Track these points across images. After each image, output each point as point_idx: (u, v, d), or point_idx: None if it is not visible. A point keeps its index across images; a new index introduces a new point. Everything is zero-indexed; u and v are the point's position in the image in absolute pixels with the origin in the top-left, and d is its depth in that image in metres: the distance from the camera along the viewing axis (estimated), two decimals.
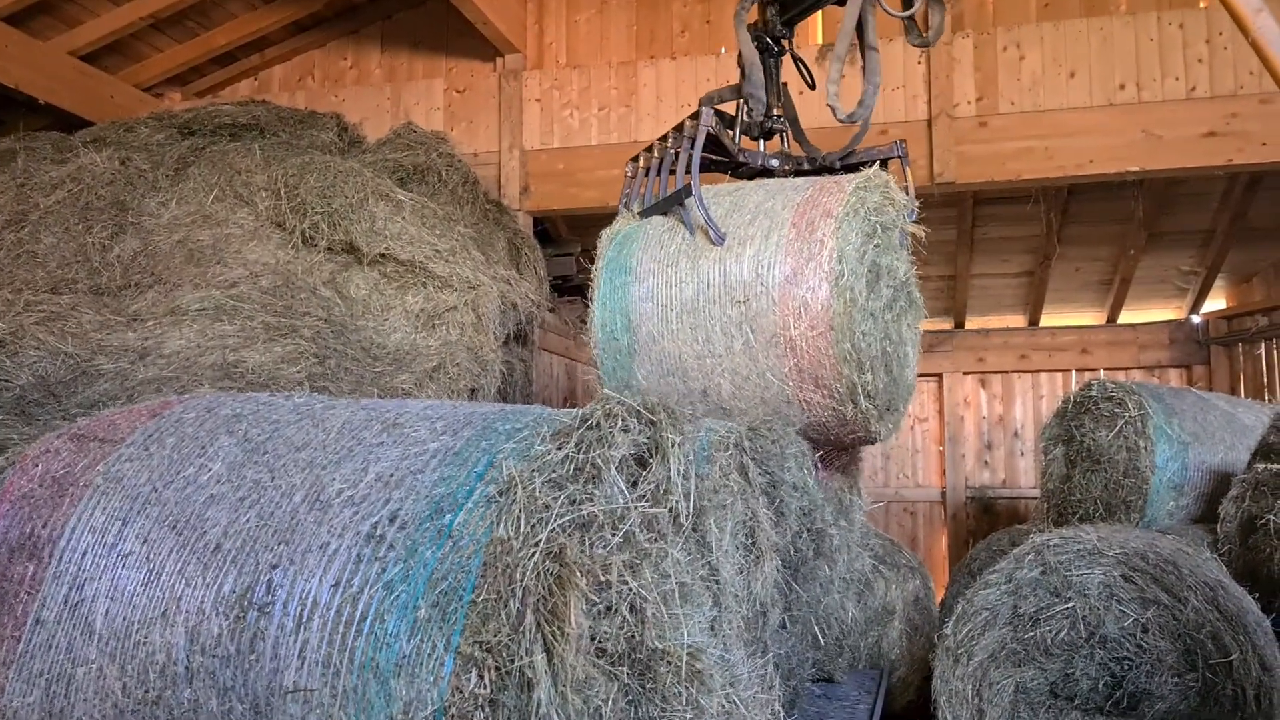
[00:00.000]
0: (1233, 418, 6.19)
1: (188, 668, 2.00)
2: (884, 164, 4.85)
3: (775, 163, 5.06)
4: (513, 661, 1.78)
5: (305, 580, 1.98)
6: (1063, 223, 9.72)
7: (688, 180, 4.35)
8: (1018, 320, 11.30)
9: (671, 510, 2.05)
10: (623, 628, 1.88)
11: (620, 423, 2.04)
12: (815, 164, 5.10)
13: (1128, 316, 10.92)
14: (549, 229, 9.69)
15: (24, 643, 2.14)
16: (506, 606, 1.81)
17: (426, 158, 7.10)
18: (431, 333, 5.94)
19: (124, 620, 2.08)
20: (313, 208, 5.91)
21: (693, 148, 4.43)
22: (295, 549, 2.03)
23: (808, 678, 4.09)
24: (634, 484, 2.02)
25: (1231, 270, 10.27)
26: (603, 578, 1.85)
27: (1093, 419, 6.15)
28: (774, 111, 5.11)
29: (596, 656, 1.86)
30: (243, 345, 5.12)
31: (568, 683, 1.77)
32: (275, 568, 2.02)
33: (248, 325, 5.23)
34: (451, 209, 6.84)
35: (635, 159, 4.97)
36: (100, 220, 5.88)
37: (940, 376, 11.09)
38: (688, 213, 4.36)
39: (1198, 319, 10.64)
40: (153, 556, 2.12)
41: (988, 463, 11.00)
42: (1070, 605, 4.18)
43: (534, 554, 1.83)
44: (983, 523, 10.69)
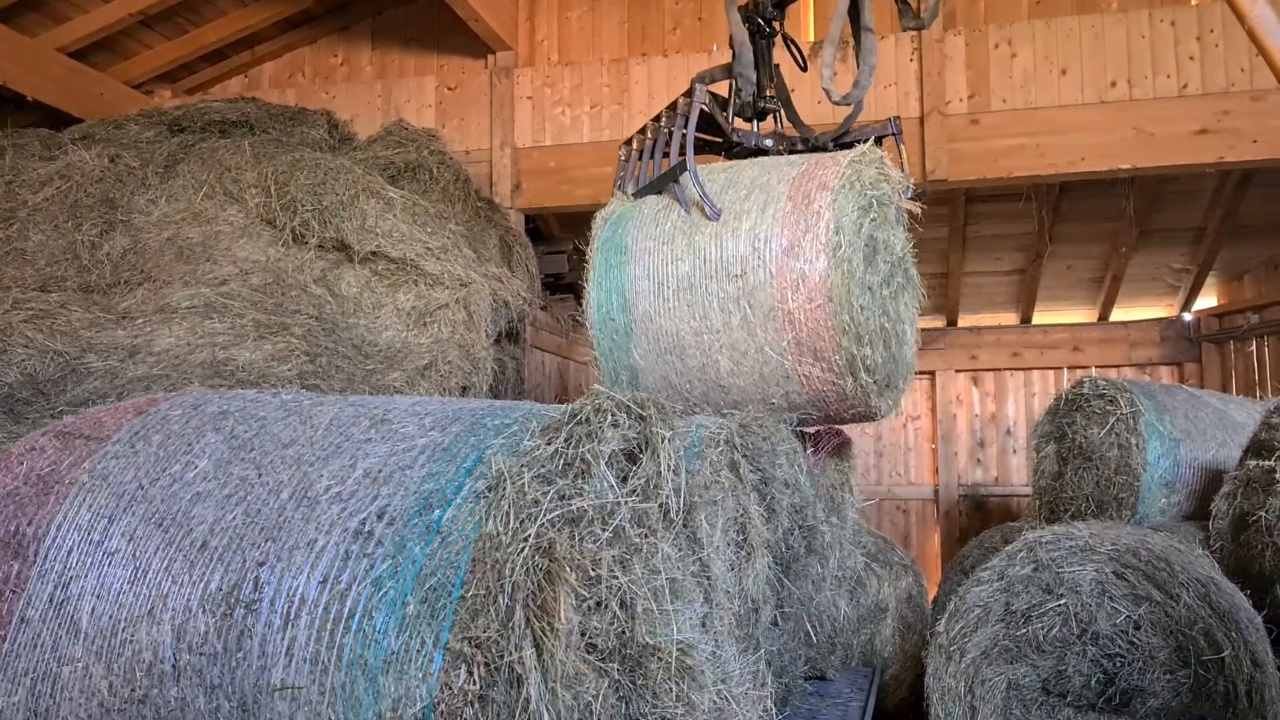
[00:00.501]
0: (1224, 415, 6.20)
1: (175, 666, 1.99)
2: (879, 142, 4.85)
3: (769, 143, 5.05)
4: (502, 657, 1.77)
5: (293, 577, 1.97)
6: (1054, 220, 9.73)
7: (682, 158, 4.34)
8: (1010, 318, 11.31)
9: (662, 505, 2.04)
10: (613, 623, 1.87)
11: (610, 418, 2.03)
12: (809, 144, 5.10)
13: (1119, 314, 10.93)
14: (541, 227, 9.67)
15: (9, 642, 2.12)
16: (496, 602, 1.80)
17: (418, 155, 7.08)
18: (423, 330, 5.93)
19: (110, 618, 2.06)
20: (303, 205, 5.89)
21: (686, 125, 4.42)
22: (283, 546, 2.01)
23: (800, 675, 4.08)
24: (624, 479, 2.01)
25: (1223, 268, 10.29)
26: (592, 573, 1.84)
27: (1084, 416, 6.15)
28: (766, 92, 5.10)
29: (586, 652, 1.85)
30: (233, 343, 5.10)
31: (557, 678, 1.76)
32: (262, 565, 2.01)
33: (238, 323, 5.20)
34: (443, 207, 6.82)
35: (629, 142, 4.96)
36: (89, 218, 5.85)
37: (933, 374, 11.10)
38: (682, 189, 4.34)
39: (1189, 316, 10.67)
40: (139, 554, 2.11)
41: (980, 460, 11.02)
42: (1062, 602, 4.17)
43: (523, 549, 1.82)
44: (975, 520, 10.71)
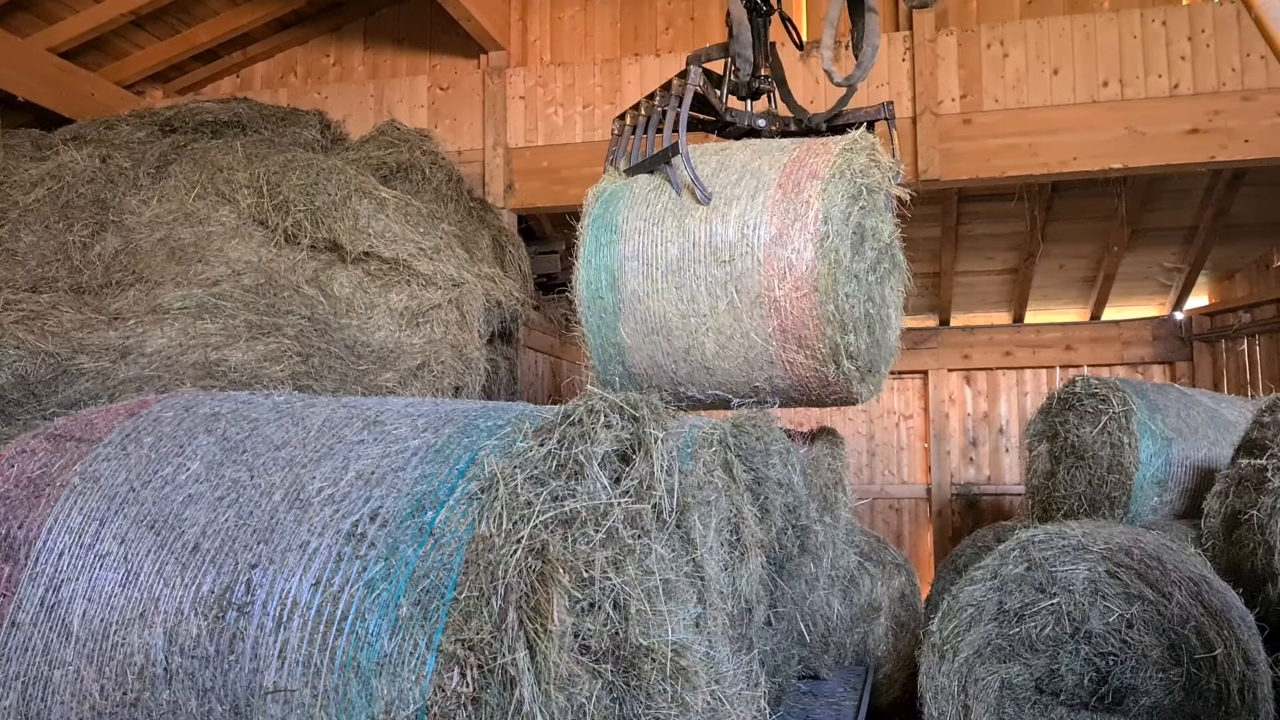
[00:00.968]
0: (1216, 413, 6.21)
1: (166, 669, 1.98)
2: (870, 126, 4.86)
3: (762, 123, 5.06)
4: (495, 659, 1.76)
5: (285, 580, 1.96)
6: (1047, 220, 9.75)
7: (674, 139, 4.34)
8: (1002, 317, 11.33)
9: (655, 506, 2.04)
10: (606, 624, 1.87)
11: (603, 418, 2.03)
12: (802, 125, 5.11)
13: (1111, 313, 10.96)
14: (533, 227, 9.67)
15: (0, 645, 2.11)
16: (489, 604, 1.80)
17: (410, 155, 7.07)
18: (415, 331, 5.92)
19: (102, 621, 2.06)
20: (295, 205, 5.87)
21: (680, 106, 4.43)
22: (275, 548, 2.01)
23: (793, 674, 4.09)
24: (617, 480, 2.01)
25: (1214, 267, 10.32)
26: (586, 574, 1.84)
27: (1077, 415, 6.17)
28: (761, 72, 5.10)
29: (580, 654, 1.85)
30: (225, 344, 5.09)
31: (551, 680, 1.75)
32: (255, 567, 2.00)
33: (230, 324, 5.19)
34: (435, 207, 6.81)
35: (622, 116, 4.95)
36: (81, 218, 5.83)
37: (925, 374, 11.12)
38: (674, 171, 4.36)
39: (1181, 315, 10.70)
40: (130, 557, 2.10)
41: (973, 459, 11.04)
42: (1055, 601, 4.18)
43: (516, 551, 1.82)
44: (968, 519, 10.73)
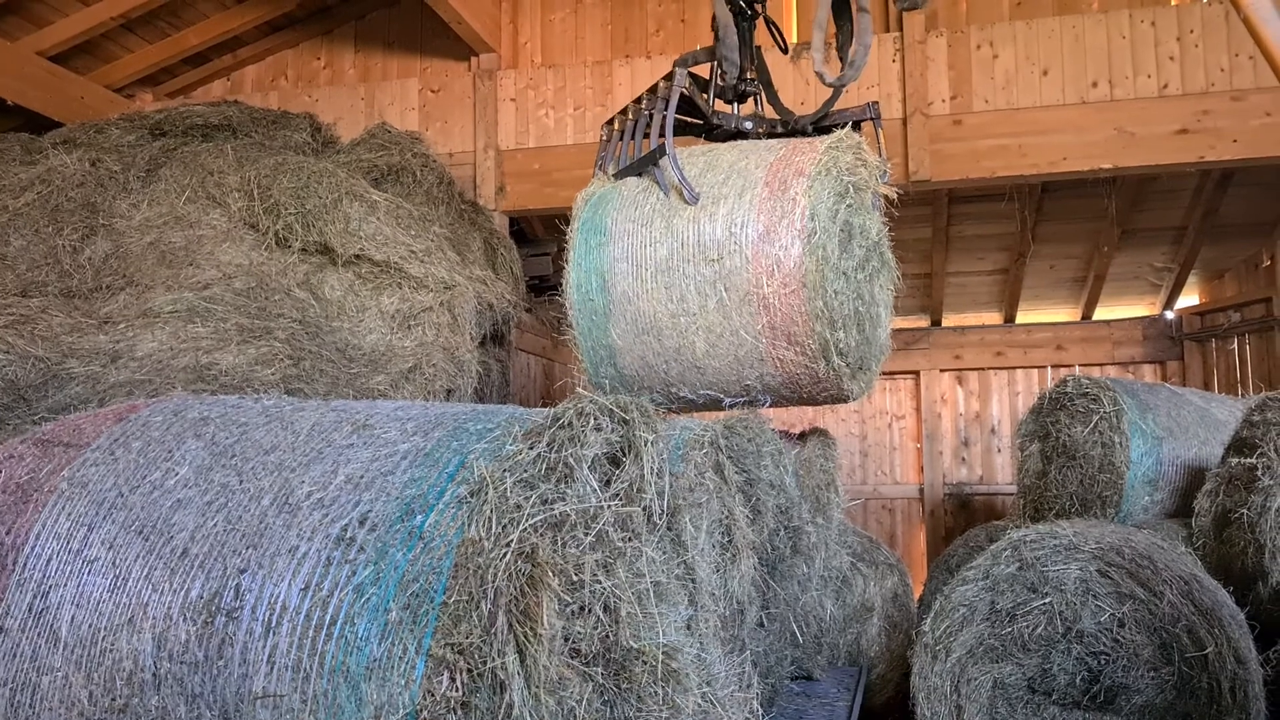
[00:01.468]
0: (1206, 413, 6.23)
1: (155, 674, 1.97)
2: (857, 126, 4.89)
3: (749, 125, 5.10)
4: (485, 663, 1.76)
5: (274, 584, 1.96)
6: (1037, 220, 9.77)
7: (661, 141, 4.37)
8: (993, 317, 11.35)
9: (645, 509, 2.04)
10: (597, 627, 1.87)
11: (593, 421, 2.03)
12: (788, 126, 5.13)
13: (1102, 313, 10.99)
14: (525, 229, 9.66)
15: None
16: (478, 608, 1.80)
17: (401, 158, 7.06)
18: (407, 334, 5.91)
19: (90, 627, 2.05)
20: (286, 209, 5.86)
21: (666, 109, 4.46)
22: (264, 553, 2.00)
23: (786, 675, 4.09)
24: (607, 483, 2.01)
25: (1204, 266, 10.36)
26: (576, 577, 1.84)
27: (1068, 415, 6.18)
28: (747, 74, 5.13)
29: (570, 657, 1.84)
30: (216, 347, 5.07)
31: (541, 684, 1.75)
32: (244, 572, 1.99)
33: (221, 327, 5.18)
34: (426, 209, 6.80)
35: (610, 122, 4.99)
36: (71, 222, 5.81)
37: (917, 374, 11.13)
38: (662, 173, 4.39)
39: (1171, 315, 10.73)
40: (119, 562, 2.09)
41: (965, 459, 11.05)
42: (1047, 601, 4.19)
43: (506, 554, 1.82)
44: (960, 519, 10.74)
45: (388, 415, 2.35)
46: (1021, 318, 11.18)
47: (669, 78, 4.58)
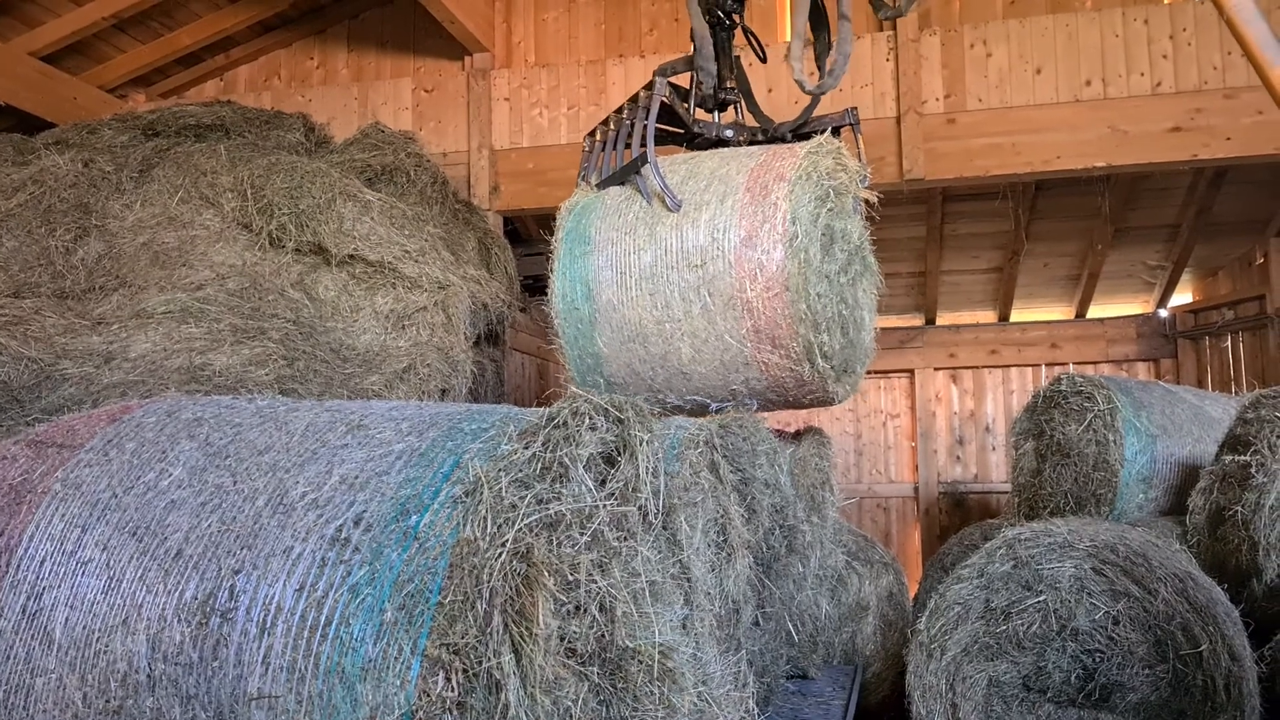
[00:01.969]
0: (1200, 410, 6.24)
1: (150, 676, 1.97)
2: (836, 132, 4.91)
3: (730, 134, 5.13)
4: (480, 663, 1.76)
5: (269, 585, 1.95)
6: (1031, 218, 9.79)
7: (643, 149, 4.40)
8: (988, 316, 11.37)
9: (640, 508, 2.04)
10: (592, 627, 1.86)
11: (588, 421, 2.03)
12: (769, 134, 5.16)
13: (1096, 311, 11.01)
14: (519, 228, 9.65)
15: None
16: (474, 608, 1.79)
17: (395, 158, 7.05)
18: (401, 334, 5.90)
19: (84, 629, 2.04)
20: (280, 209, 5.85)
21: (647, 117, 4.48)
22: (258, 553, 2.00)
23: (782, 674, 4.09)
24: (602, 482, 2.01)
25: (1198, 264, 10.38)
26: (571, 577, 1.83)
27: (1062, 413, 6.19)
28: (726, 84, 5.15)
29: (566, 656, 1.84)
30: (210, 348, 5.06)
31: (536, 683, 1.75)
32: (238, 573, 1.99)
33: (215, 328, 5.17)
34: (420, 209, 6.79)
35: (592, 133, 5.03)
36: (63, 223, 5.80)
37: (912, 372, 11.14)
38: (644, 181, 4.41)
39: (1165, 313, 10.75)
40: (113, 563, 2.08)
41: (959, 458, 11.06)
42: (1042, 599, 4.19)
43: (501, 554, 1.81)
44: (955, 517, 10.75)
45: (382, 415, 2.35)
46: (1016, 316, 11.20)
47: (649, 87, 4.62)
